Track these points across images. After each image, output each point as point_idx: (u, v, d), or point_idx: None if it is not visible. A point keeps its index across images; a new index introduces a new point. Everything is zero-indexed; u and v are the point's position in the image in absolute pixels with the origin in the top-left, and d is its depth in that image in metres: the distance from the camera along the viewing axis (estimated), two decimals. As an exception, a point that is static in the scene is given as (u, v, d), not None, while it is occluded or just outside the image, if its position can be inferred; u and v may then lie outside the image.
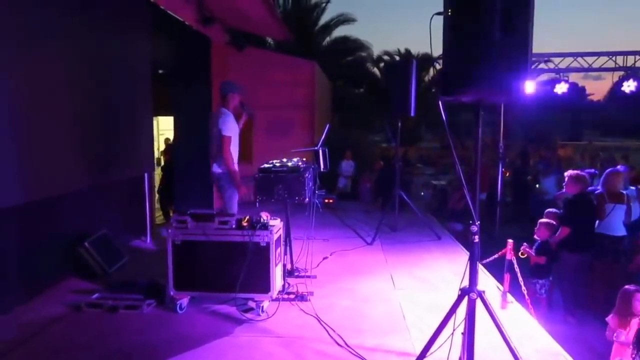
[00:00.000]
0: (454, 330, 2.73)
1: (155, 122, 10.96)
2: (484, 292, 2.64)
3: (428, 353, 2.70)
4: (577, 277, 5.49)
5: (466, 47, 2.33)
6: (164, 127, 10.93)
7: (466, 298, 2.62)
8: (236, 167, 4.90)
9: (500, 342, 2.68)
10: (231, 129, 4.83)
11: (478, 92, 2.38)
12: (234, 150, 4.92)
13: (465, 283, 2.67)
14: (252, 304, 3.97)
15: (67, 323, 3.79)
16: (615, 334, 3.81)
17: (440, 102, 2.51)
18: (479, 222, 2.52)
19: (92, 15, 4.88)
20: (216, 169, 4.89)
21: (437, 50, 2.56)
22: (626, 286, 4.02)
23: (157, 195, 8.80)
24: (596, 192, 5.89)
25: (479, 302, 2.66)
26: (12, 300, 4.00)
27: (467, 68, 2.34)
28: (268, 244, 3.84)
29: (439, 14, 2.47)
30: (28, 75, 3.97)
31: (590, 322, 5.19)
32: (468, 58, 2.32)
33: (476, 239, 2.53)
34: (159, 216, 8.61)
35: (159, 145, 10.88)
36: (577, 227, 5.39)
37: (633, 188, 6.36)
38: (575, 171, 5.69)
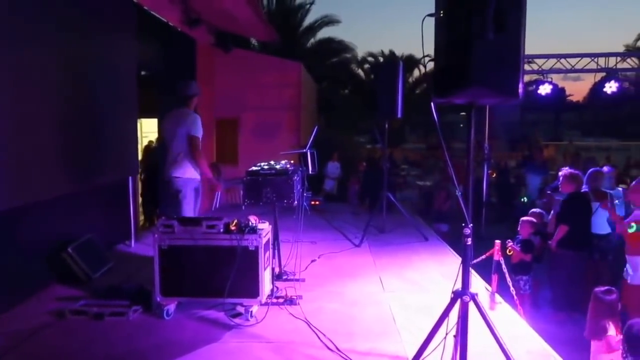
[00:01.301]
0: (447, 333, 2.71)
1: (139, 125, 10.83)
2: (476, 294, 2.63)
3: (421, 357, 2.68)
4: (572, 275, 5.54)
5: (458, 49, 2.32)
6: (148, 130, 10.77)
7: (459, 301, 2.60)
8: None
9: (493, 345, 2.67)
10: (201, 129, 4.73)
11: (471, 94, 2.37)
12: None
13: (458, 286, 2.66)
14: (240, 309, 3.91)
15: (51, 331, 3.68)
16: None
17: (432, 104, 2.50)
18: (471, 224, 2.51)
19: (75, 16, 4.77)
20: (177, 174, 4.72)
21: (428, 51, 2.55)
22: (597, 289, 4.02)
23: (140, 199, 8.66)
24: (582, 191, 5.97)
25: (471, 305, 2.65)
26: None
27: (459, 69, 2.32)
28: (257, 247, 3.78)
29: (430, 15, 2.45)
30: (7, 78, 3.86)
31: (579, 320, 5.24)
32: (460, 59, 2.30)
33: (469, 241, 2.52)
34: (142, 220, 8.48)
35: (142, 148, 10.73)
36: (574, 225, 5.45)
37: (620, 189, 6.48)
38: (570, 170, 5.76)
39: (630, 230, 4.58)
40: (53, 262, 4.66)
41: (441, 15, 2.35)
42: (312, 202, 9.16)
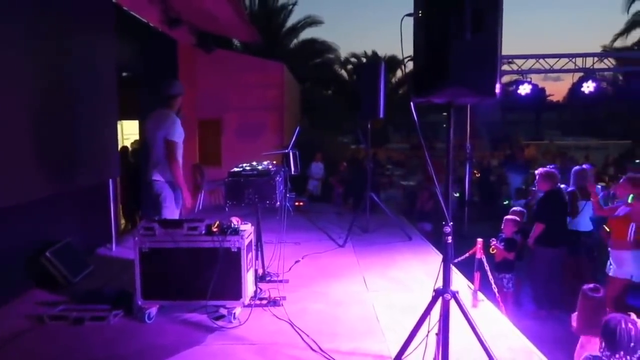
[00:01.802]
0: (428, 331, 2.72)
1: (119, 127, 10.70)
2: (457, 292, 2.65)
3: (404, 355, 2.69)
4: (550, 272, 5.62)
5: (437, 48, 2.33)
6: (129, 132, 10.65)
7: (440, 299, 2.62)
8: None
9: (475, 342, 2.69)
10: (179, 133, 4.52)
11: (449, 93, 2.38)
12: (181, 160, 4.65)
13: (439, 284, 2.67)
14: (223, 311, 3.88)
15: (30, 337, 3.61)
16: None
17: (412, 104, 2.51)
18: (451, 222, 2.52)
19: (52, 15, 4.69)
20: (157, 177, 4.56)
21: (408, 51, 2.55)
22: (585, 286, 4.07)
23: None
24: (567, 190, 6.09)
25: (453, 303, 2.67)
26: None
27: (437, 69, 2.34)
28: (239, 249, 3.76)
29: (409, 15, 2.46)
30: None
31: (560, 317, 5.32)
32: (439, 59, 2.32)
33: (449, 239, 2.54)
34: (123, 223, 8.38)
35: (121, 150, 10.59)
36: (550, 223, 5.53)
37: (599, 186, 6.60)
38: (545, 169, 5.84)
39: (630, 200, 4.57)
40: (31, 267, 4.57)
41: (420, 15, 2.36)
42: (296, 203, 9.15)
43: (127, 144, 10.82)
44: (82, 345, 3.47)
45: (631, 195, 4.52)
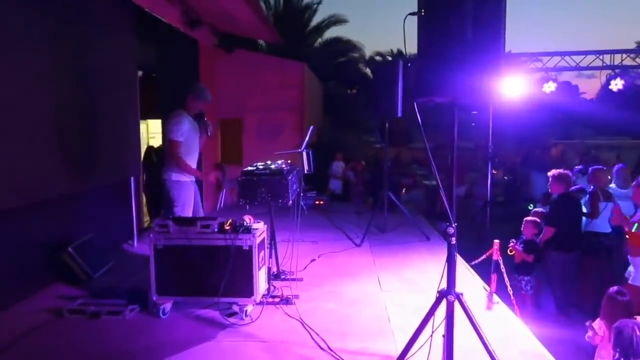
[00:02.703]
0: (432, 332, 2.70)
1: (144, 126, 10.94)
2: (462, 294, 2.62)
3: (407, 356, 2.68)
4: (566, 276, 5.49)
5: (439, 47, 2.31)
6: (154, 131, 10.87)
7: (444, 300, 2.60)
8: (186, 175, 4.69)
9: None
10: (182, 132, 4.53)
11: (451, 93, 2.36)
12: (190, 159, 4.68)
13: (444, 285, 2.65)
14: (235, 308, 3.93)
15: (49, 330, 3.74)
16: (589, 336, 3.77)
17: (414, 103, 2.49)
18: (456, 224, 2.50)
19: (74, 17, 4.84)
20: (166, 176, 4.65)
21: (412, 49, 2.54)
22: (610, 290, 3.98)
23: (144, 199, 8.73)
24: (589, 190, 5.93)
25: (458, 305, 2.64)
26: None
27: (440, 68, 2.32)
28: (251, 247, 3.80)
29: (412, 14, 2.45)
30: (7, 79, 3.93)
31: (579, 321, 5.18)
32: (441, 58, 2.30)
33: (453, 240, 2.51)
34: (147, 220, 8.55)
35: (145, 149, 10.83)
36: (563, 226, 5.39)
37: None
38: (558, 170, 5.70)
39: (633, 230, 4.51)
40: (54, 262, 4.72)
41: (422, 13, 2.34)
42: (317, 202, 9.18)
43: (153, 142, 11.07)
44: (98, 339, 3.58)
45: None
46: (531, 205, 9.37)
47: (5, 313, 4.00)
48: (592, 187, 6.01)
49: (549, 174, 5.64)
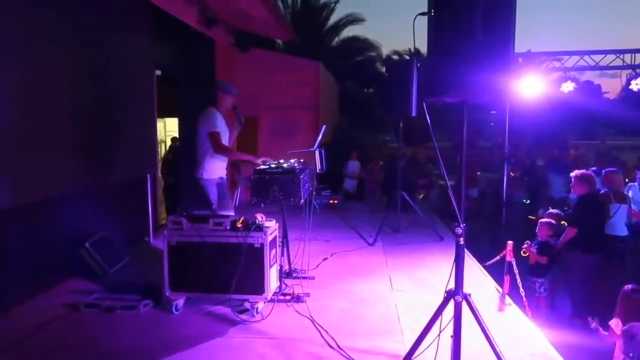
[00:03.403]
0: (440, 332, 2.70)
1: (162, 124, 11.09)
2: (469, 294, 2.61)
3: (414, 355, 2.68)
4: (585, 278, 5.41)
5: (448, 47, 2.31)
6: (171, 129, 11.01)
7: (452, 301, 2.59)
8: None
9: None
10: (217, 124, 4.64)
11: (461, 93, 2.36)
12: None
13: (451, 285, 2.64)
14: (247, 305, 3.97)
15: (64, 323, 3.83)
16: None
17: (424, 104, 2.49)
18: (464, 224, 2.49)
19: (93, 17, 4.94)
20: (200, 174, 4.72)
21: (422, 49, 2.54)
22: (626, 287, 3.93)
23: (162, 196, 8.86)
24: (601, 192, 5.82)
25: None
26: (13, 300, 4.06)
27: (449, 68, 2.31)
28: (262, 245, 3.84)
29: (422, 14, 2.45)
30: (31, 79, 4.04)
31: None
32: (450, 58, 2.30)
33: (461, 241, 2.51)
34: (164, 217, 8.66)
35: (166, 146, 10.97)
36: (586, 228, 5.31)
37: None
38: (581, 171, 5.61)
39: None
40: (71, 257, 4.82)
41: (432, 14, 2.34)
42: (331, 201, 9.18)
43: (169, 140, 11.22)
44: (112, 333, 3.65)
45: None
46: (526, 200, 9.24)
47: (25, 305, 4.11)
48: (605, 189, 5.90)
49: (572, 174, 5.56)
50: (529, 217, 8.08)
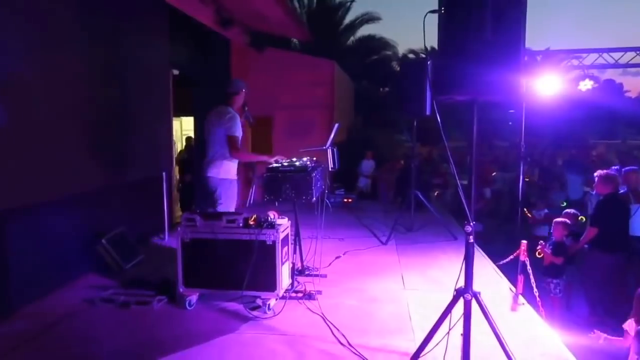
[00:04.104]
0: (449, 330, 2.70)
1: (178, 123, 11.22)
2: (479, 293, 2.61)
3: (422, 353, 2.68)
4: (606, 279, 5.33)
5: (459, 45, 2.31)
6: (187, 128, 11.14)
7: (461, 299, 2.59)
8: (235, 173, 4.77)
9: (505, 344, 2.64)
10: (239, 130, 4.65)
11: (471, 91, 2.35)
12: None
13: (461, 283, 2.64)
14: (259, 302, 4.01)
15: (81, 317, 3.91)
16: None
17: (434, 102, 2.49)
18: (474, 222, 2.49)
19: (109, 17, 5.03)
20: (212, 173, 4.68)
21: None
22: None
23: (177, 194, 8.96)
24: (621, 192, 5.75)
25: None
26: (32, 295, 4.16)
27: (460, 66, 2.31)
28: (274, 242, 3.87)
29: (433, 12, 2.45)
30: (47, 78, 4.13)
31: (612, 326, 5.04)
32: (461, 56, 2.30)
33: (471, 239, 2.50)
34: (179, 216, 8.77)
35: (182, 145, 11.10)
36: (608, 227, 5.25)
37: None
38: (605, 171, 5.54)
39: None
40: (88, 252, 4.92)
41: (442, 12, 2.34)
42: (345, 200, 9.20)
43: (185, 139, 11.35)
44: (127, 327, 3.72)
45: None
46: (565, 202, 9.14)
47: (44, 299, 4.21)
48: (624, 188, 5.82)
49: (596, 174, 5.49)
50: (525, 212, 8.00)
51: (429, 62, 5.34)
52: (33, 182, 3.98)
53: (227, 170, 4.77)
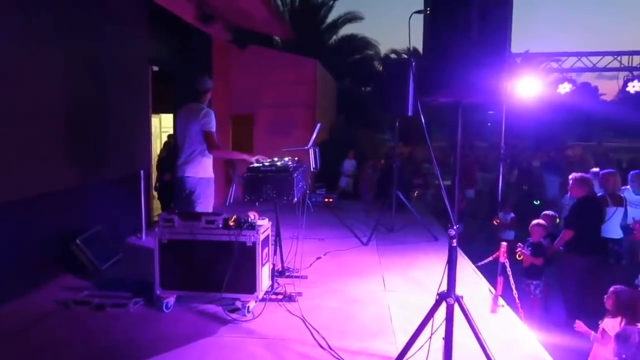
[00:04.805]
0: (431, 334, 2.68)
1: (157, 120, 11.02)
2: (462, 297, 2.59)
3: (405, 357, 2.66)
4: (580, 281, 5.40)
5: (444, 46, 2.28)
6: (167, 125, 10.95)
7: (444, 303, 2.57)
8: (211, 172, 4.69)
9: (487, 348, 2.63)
10: (215, 125, 4.55)
11: (456, 93, 2.33)
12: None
13: (444, 287, 2.62)
14: (238, 304, 3.94)
15: (54, 320, 3.79)
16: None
17: (419, 103, 2.46)
18: (457, 225, 2.47)
19: (84, 10, 4.88)
20: (190, 173, 4.57)
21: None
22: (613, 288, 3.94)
23: (155, 193, 8.79)
24: (599, 195, 5.82)
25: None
26: (2, 297, 4.01)
27: (444, 68, 2.29)
28: (254, 243, 3.81)
29: (418, 12, 2.42)
30: (17, 73, 3.98)
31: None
32: (446, 58, 2.27)
33: (454, 242, 2.48)
34: (157, 214, 8.61)
35: (161, 143, 10.91)
36: (582, 230, 5.30)
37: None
38: (580, 174, 5.61)
39: None
40: (62, 253, 4.78)
41: (427, 13, 2.31)
42: (326, 200, 9.15)
43: (165, 137, 11.16)
44: (102, 331, 3.62)
45: None
46: (538, 201, 9.24)
47: (15, 302, 4.06)
48: (602, 191, 5.90)
49: (570, 177, 5.55)
50: (494, 221, 8.06)
51: (413, 64, 5.31)
52: (4, 180, 3.83)
53: (205, 169, 4.67)
